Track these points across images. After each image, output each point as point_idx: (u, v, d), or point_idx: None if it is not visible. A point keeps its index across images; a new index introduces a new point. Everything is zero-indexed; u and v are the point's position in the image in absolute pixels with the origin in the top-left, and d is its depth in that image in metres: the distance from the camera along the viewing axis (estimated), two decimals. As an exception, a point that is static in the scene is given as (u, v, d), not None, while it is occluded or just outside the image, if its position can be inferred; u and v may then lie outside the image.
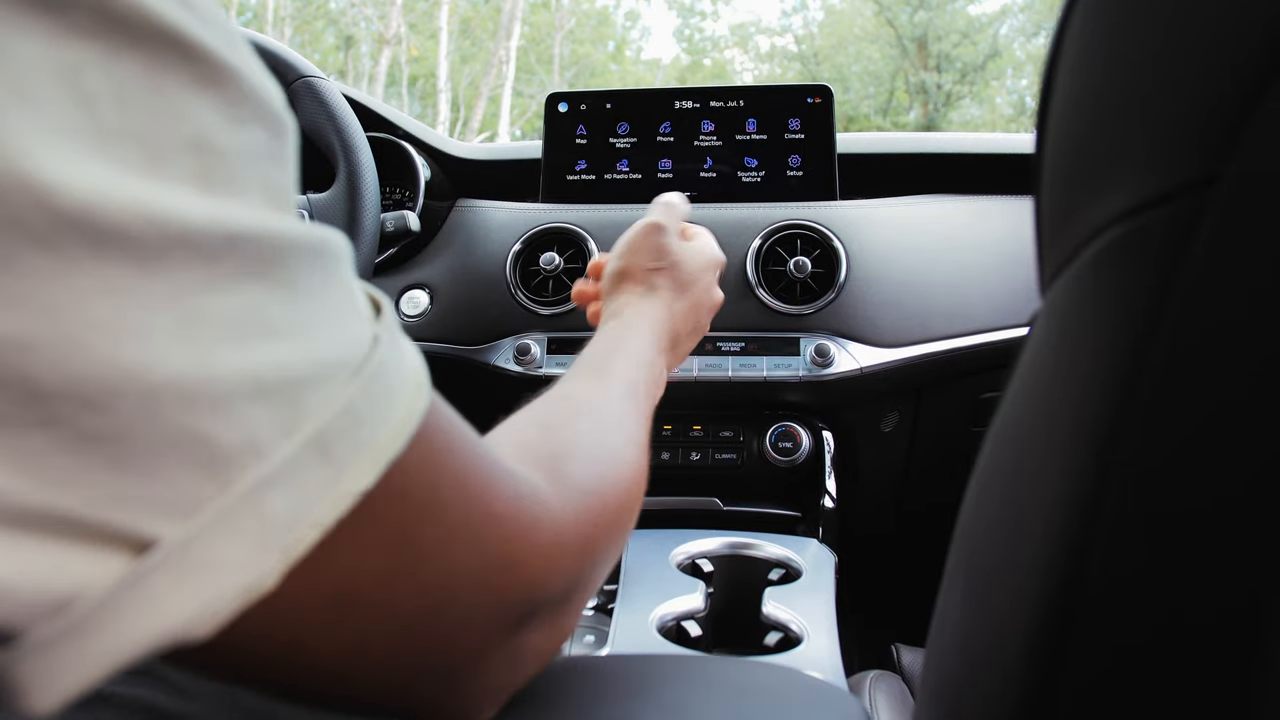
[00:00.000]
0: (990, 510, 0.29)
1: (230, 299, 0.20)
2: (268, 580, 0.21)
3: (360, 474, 0.23)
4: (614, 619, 0.72)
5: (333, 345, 0.23)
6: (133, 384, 0.19)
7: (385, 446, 0.24)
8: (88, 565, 0.19)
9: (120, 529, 0.19)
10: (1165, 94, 0.22)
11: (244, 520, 0.21)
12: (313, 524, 0.22)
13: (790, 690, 0.43)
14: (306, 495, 0.22)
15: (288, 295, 0.22)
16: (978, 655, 0.27)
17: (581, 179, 1.09)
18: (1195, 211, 0.20)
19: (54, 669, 0.20)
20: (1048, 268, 0.27)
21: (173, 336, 0.19)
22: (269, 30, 13.66)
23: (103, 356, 0.18)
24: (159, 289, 0.19)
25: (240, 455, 0.20)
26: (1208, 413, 0.20)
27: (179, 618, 0.20)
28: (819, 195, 1.03)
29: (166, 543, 0.20)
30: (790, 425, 0.98)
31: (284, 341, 0.21)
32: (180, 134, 0.20)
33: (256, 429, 0.21)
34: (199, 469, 0.20)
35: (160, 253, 0.19)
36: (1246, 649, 0.21)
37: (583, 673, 0.44)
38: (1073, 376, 0.24)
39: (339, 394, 0.23)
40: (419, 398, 0.26)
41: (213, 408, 0.20)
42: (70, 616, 0.19)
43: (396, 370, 0.25)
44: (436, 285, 1.06)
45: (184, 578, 0.20)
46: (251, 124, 0.21)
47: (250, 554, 0.21)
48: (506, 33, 15.09)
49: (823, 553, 0.84)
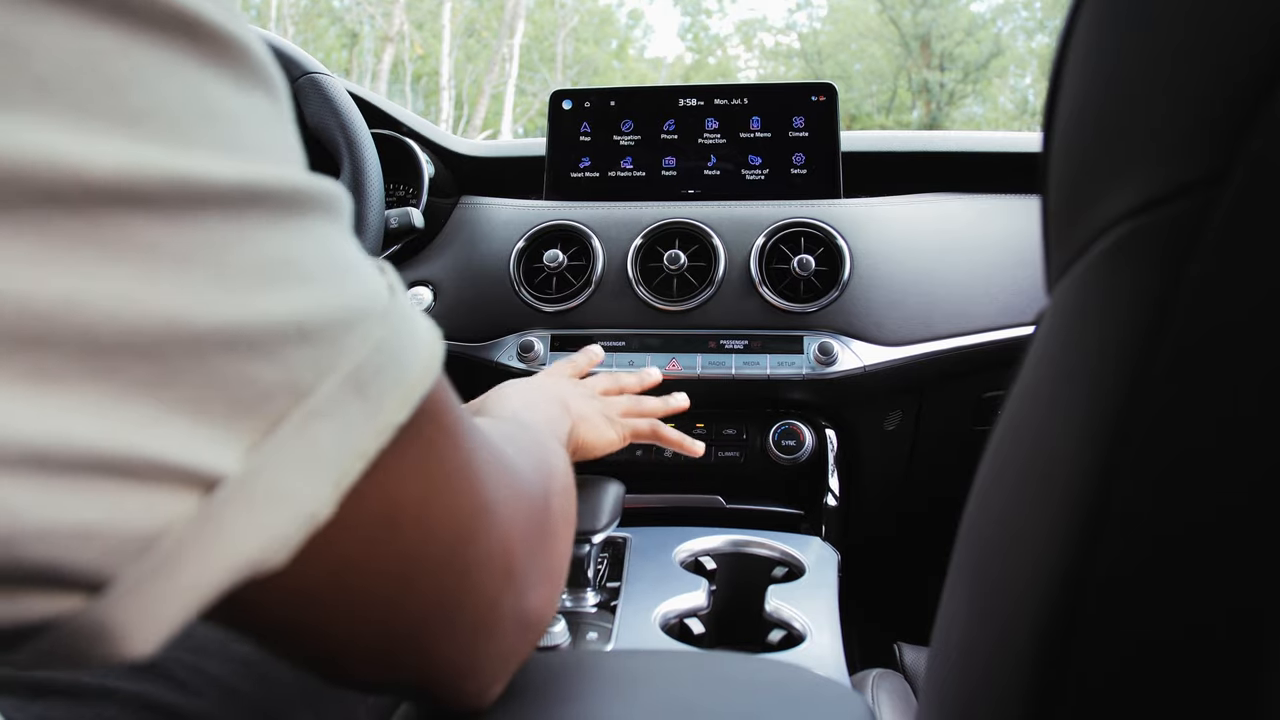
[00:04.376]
0: (995, 509, 0.29)
1: (262, 248, 0.22)
2: (325, 509, 0.23)
3: (396, 408, 0.25)
4: (617, 616, 0.72)
5: (360, 289, 0.25)
6: (179, 332, 0.20)
7: (416, 383, 0.26)
8: (165, 505, 0.20)
9: (189, 468, 0.21)
10: (1173, 91, 0.22)
11: (297, 454, 0.22)
12: (358, 455, 0.24)
13: (796, 687, 0.43)
14: (350, 429, 0.24)
15: (313, 242, 0.23)
16: (982, 655, 0.27)
17: (585, 176, 1.09)
18: (1203, 209, 0.20)
19: (147, 609, 0.21)
20: (1054, 266, 0.27)
21: (211, 286, 0.20)
22: (271, 27, 13.67)
23: (147, 308, 0.19)
24: (192, 243, 0.20)
25: (285, 393, 0.22)
26: (1217, 411, 0.20)
27: (255, 546, 0.22)
28: (823, 193, 1.03)
29: (232, 478, 0.21)
30: (793, 423, 0.98)
31: (316, 286, 0.23)
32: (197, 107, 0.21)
33: (298, 369, 0.22)
34: (249, 408, 0.21)
35: (189, 210, 0.20)
36: (1252, 651, 0.21)
37: (587, 668, 0.44)
38: (1079, 375, 0.24)
39: (370, 334, 0.24)
40: (437, 340, 0.28)
41: (256, 351, 0.21)
42: (156, 555, 0.21)
43: (415, 317, 0.27)
44: (440, 282, 1.06)
45: (253, 509, 0.22)
46: (256, 91, 0.23)
47: (307, 484, 0.23)
48: (510, 30, 15.08)
49: (825, 551, 0.84)
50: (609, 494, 0.75)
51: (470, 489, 0.30)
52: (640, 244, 1.00)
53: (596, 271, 0.99)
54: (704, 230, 0.99)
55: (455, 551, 0.29)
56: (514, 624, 0.34)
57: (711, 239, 0.98)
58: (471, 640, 0.32)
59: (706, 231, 0.99)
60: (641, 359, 0.97)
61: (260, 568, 0.23)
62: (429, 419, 0.27)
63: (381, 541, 0.27)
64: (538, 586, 0.36)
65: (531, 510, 0.36)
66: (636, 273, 0.99)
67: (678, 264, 0.98)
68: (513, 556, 0.33)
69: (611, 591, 0.76)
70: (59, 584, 0.20)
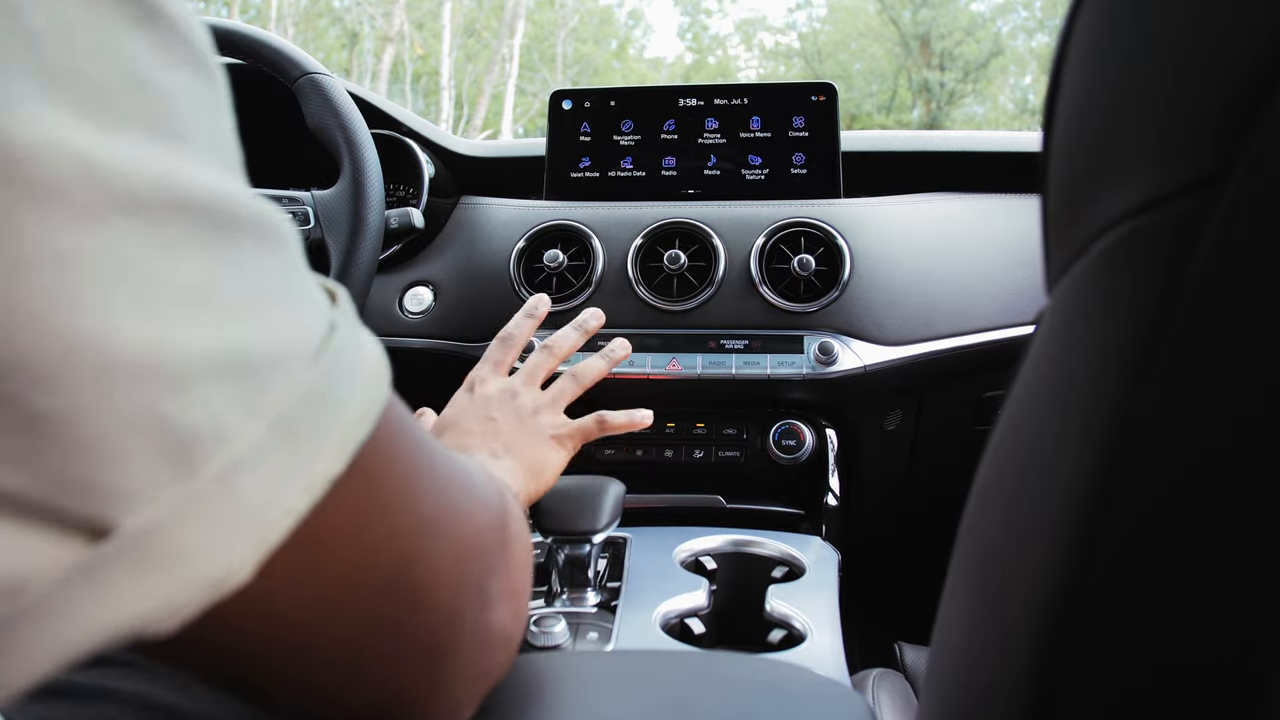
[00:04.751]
0: (995, 509, 0.29)
1: (180, 269, 0.19)
2: (240, 572, 0.21)
3: (330, 458, 0.23)
4: (617, 616, 0.72)
5: (290, 327, 0.22)
6: (84, 358, 0.18)
7: (352, 430, 0.23)
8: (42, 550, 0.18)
9: (75, 514, 0.18)
10: (1173, 91, 0.22)
11: (214, 508, 0.20)
12: (287, 511, 0.21)
13: (797, 687, 0.43)
14: (278, 481, 0.21)
15: (239, 271, 0.21)
16: (982, 654, 0.27)
17: (585, 176, 1.09)
18: (1203, 209, 0.20)
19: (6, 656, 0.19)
20: (1054, 265, 0.27)
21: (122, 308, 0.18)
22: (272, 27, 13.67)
23: (51, 328, 0.17)
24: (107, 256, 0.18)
25: (203, 438, 0.19)
26: (1217, 410, 0.20)
27: (138, 610, 0.20)
28: (823, 193, 1.03)
29: (124, 531, 0.19)
30: (794, 423, 0.98)
31: (240, 319, 0.21)
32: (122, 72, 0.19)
33: (218, 411, 0.20)
34: (158, 453, 0.19)
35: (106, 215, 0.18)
36: (1253, 650, 0.21)
37: (588, 668, 0.44)
38: (1079, 375, 0.24)
39: (300, 377, 0.22)
40: (380, 384, 0.26)
41: (170, 386, 0.19)
42: (22, 601, 0.18)
43: (357, 357, 0.25)
44: (440, 282, 1.06)
45: (143, 568, 0.19)
46: (184, 67, 0.21)
47: (219, 544, 0.20)
48: (510, 30, 15.08)
49: (826, 550, 0.84)
50: (609, 494, 0.75)
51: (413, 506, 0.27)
52: (640, 244, 1.00)
53: (597, 271, 0.99)
54: (704, 230, 0.99)
55: (399, 573, 0.27)
56: (477, 642, 0.32)
57: (711, 239, 0.98)
58: (429, 663, 0.29)
59: (706, 231, 0.99)
60: (642, 359, 0.97)
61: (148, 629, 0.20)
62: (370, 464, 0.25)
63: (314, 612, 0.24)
64: (500, 602, 0.34)
65: (490, 522, 0.34)
66: (636, 273, 0.99)
67: (678, 264, 0.98)
68: (467, 570, 0.31)
69: (612, 591, 0.76)
70: None
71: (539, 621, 0.68)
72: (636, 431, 0.70)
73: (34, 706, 0.49)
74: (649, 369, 0.96)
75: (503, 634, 0.34)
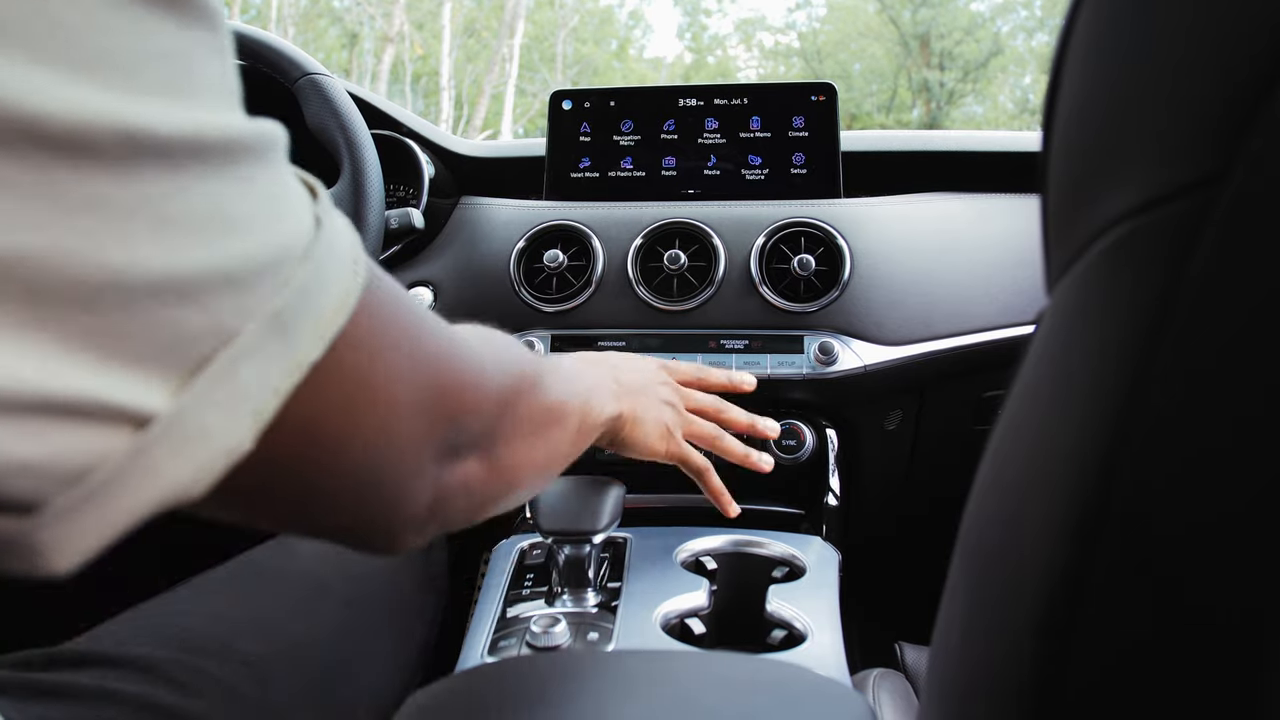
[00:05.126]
0: (995, 508, 0.29)
1: (195, 200, 0.23)
2: (245, 443, 0.25)
3: (311, 345, 0.26)
4: (618, 616, 0.72)
5: (285, 232, 0.26)
6: (115, 284, 0.21)
7: (332, 318, 0.27)
8: (100, 441, 0.22)
9: (122, 408, 0.22)
10: (1172, 91, 0.22)
11: (220, 393, 0.24)
12: (274, 392, 0.25)
13: (798, 687, 0.43)
14: (268, 367, 0.25)
15: (245, 189, 0.24)
16: (983, 654, 0.27)
17: (585, 176, 1.09)
18: (1203, 209, 0.20)
19: (73, 532, 0.22)
20: (1054, 265, 0.27)
21: (146, 239, 0.21)
22: (272, 28, 13.68)
23: (87, 262, 0.20)
24: (133, 198, 0.21)
25: (211, 338, 0.23)
26: (1217, 410, 0.20)
27: (179, 480, 0.24)
28: (823, 193, 1.03)
29: (161, 417, 0.23)
30: (794, 423, 0.98)
31: (243, 234, 0.24)
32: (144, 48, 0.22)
33: (224, 314, 0.23)
34: (178, 352, 0.23)
35: (134, 165, 0.21)
36: (1252, 650, 0.21)
37: (589, 668, 0.44)
38: (1079, 375, 0.24)
39: (292, 276, 0.25)
40: (357, 272, 0.29)
41: (185, 299, 0.22)
42: (87, 485, 0.22)
43: (337, 248, 0.28)
44: (440, 282, 1.06)
45: (179, 445, 0.23)
46: (198, 25, 0.23)
47: (229, 421, 0.24)
48: (510, 31, 15.08)
49: (826, 550, 0.84)
50: (609, 495, 0.75)
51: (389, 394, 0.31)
52: (640, 244, 1.00)
53: (597, 271, 0.99)
54: (704, 230, 0.99)
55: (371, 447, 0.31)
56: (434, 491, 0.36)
57: (711, 239, 0.98)
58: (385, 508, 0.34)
59: (706, 231, 0.99)
60: (642, 359, 0.97)
61: (183, 496, 0.24)
62: (348, 346, 0.28)
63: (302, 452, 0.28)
64: (472, 463, 0.39)
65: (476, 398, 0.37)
66: (637, 273, 0.99)
67: (678, 264, 0.98)
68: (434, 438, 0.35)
69: (612, 592, 0.76)
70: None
71: (539, 622, 0.68)
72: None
73: (33, 706, 0.49)
74: (649, 369, 0.96)
75: (464, 488, 0.38)
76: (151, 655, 0.55)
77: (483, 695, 0.47)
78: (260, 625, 0.61)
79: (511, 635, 0.70)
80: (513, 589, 0.78)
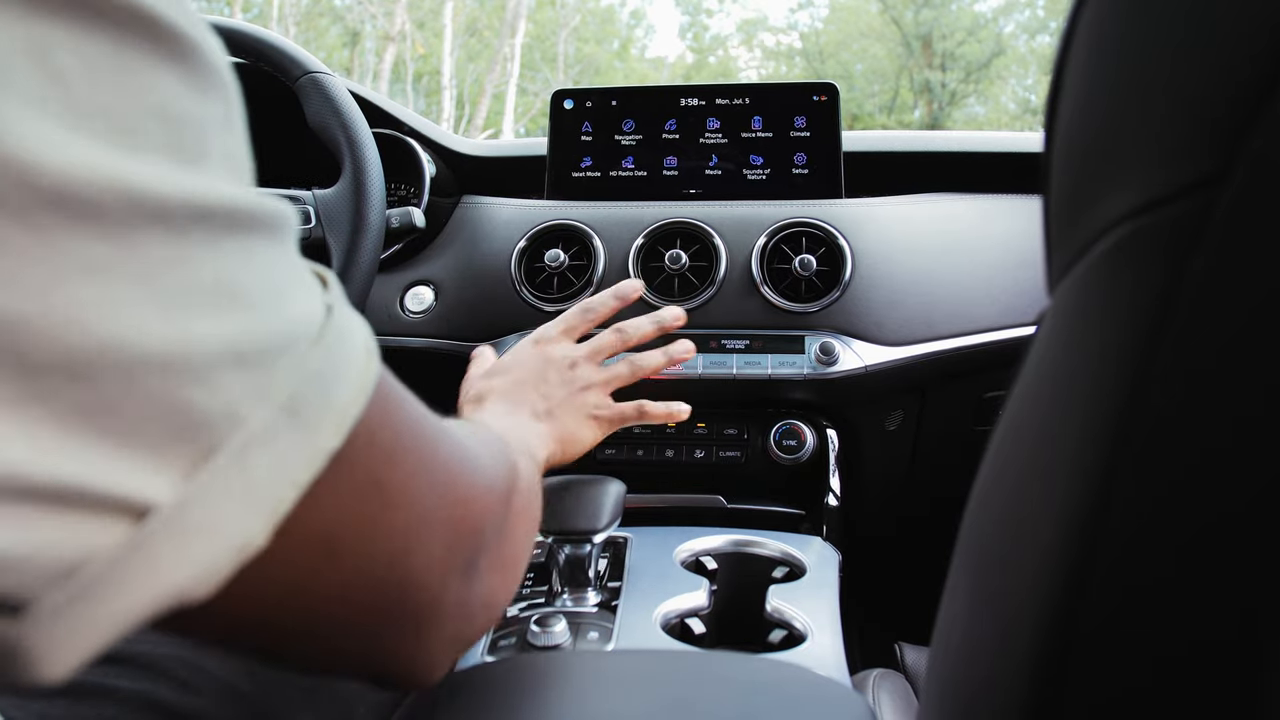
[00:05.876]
0: (996, 509, 0.29)
1: (201, 271, 0.21)
2: (258, 539, 0.23)
3: (330, 434, 0.25)
4: (618, 616, 0.72)
5: (296, 313, 0.24)
6: (115, 357, 0.19)
7: (348, 407, 0.26)
8: (92, 533, 0.20)
9: (119, 497, 0.20)
10: (1173, 92, 0.22)
11: (231, 483, 0.22)
12: (291, 483, 0.24)
13: (797, 687, 0.43)
14: (284, 457, 0.23)
15: (251, 265, 0.23)
16: (983, 654, 0.27)
17: (587, 176, 1.09)
18: (1205, 209, 0.20)
19: (64, 635, 0.21)
20: (1055, 266, 0.27)
21: (149, 310, 0.20)
22: (273, 26, 13.68)
23: (86, 332, 0.19)
24: (134, 264, 0.20)
25: (221, 421, 0.22)
26: (1218, 411, 0.20)
27: (180, 578, 0.22)
28: (824, 193, 1.03)
29: (163, 508, 0.21)
30: (794, 423, 0.98)
31: (253, 311, 0.23)
32: (148, 106, 0.20)
33: (234, 396, 0.22)
34: (184, 436, 0.21)
35: (135, 228, 0.20)
36: (1252, 650, 0.21)
37: (589, 668, 0.44)
38: (1080, 375, 0.24)
39: (306, 359, 0.24)
40: (372, 361, 0.28)
41: (192, 377, 0.21)
42: (78, 583, 0.20)
43: (351, 337, 0.27)
44: (441, 282, 1.06)
45: (182, 540, 0.21)
46: (210, 94, 0.22)
47: (240, 514, 0.22)
48: (511, 30, 15.08)
49: (826, 551, 0.84)
50: (610, 494, 0.75)
51: (411, 503, 0.29)
52: (641, 244, 1.00)
53: (598, 271, 0.99)
54: (705, 230, 0.99)
55: (395, 565, 0.29)
56: (458, 612, 0.34)
57: (713, 239, 0.98)
58: (414, 632, 0.32)
59: (708, 231, 0.99)
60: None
61: (187, 596, 0.22)
62: (365, 440, 0.27)
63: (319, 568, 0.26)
64: (488, 575, 0.37)
65: (487, 505, 0.36)
66: (638, 272, 0.99)
67: (679, 264, 0.98)
68: (458, 555, 0.33)
69: (612, 591, 0.76)
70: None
71: (539, 621, 0.68)
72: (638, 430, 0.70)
73: (34, 705, 0.49)
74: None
75: (485, 603, 0.36)
76: (152, 652, 0.55)
77: (482, 694, 0.47)
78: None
79: (511, 635, 0.70)
80: (513, 588, 0.78)
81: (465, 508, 0.33)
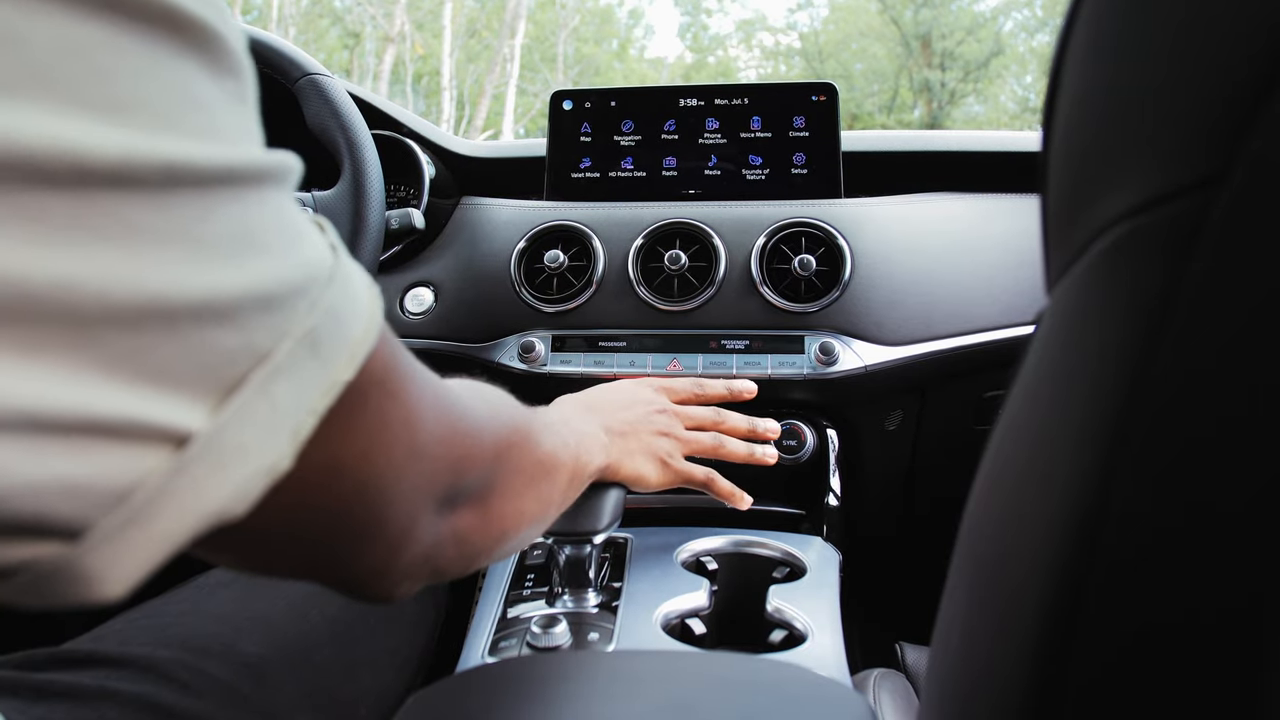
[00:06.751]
0: (995, 508, 0.29)
1: (227, 223, 0.23)
2: (284, 461, 0.26)
3: (345, 366, 0.27)
4: (618, 616, 0.72)
5: (309, 255, 0.27)
6: (156, 308, 0.22)
7: (360, 342, 0.28)
8: (140, 459, 0.22)
9: (162, 425, 0.22)
10: (1172, 92, 0.22)
11: (259, 412, 0.24)
12: (310, 411, 0.26)
13: (797, 687, 0.43)
14: (304, 387, 0.26)
15: (270, 213, 0.25)
16: (983, 654, 0.27)
17: (586, 176, 1.09)
18: (1203, 209, 0.20)
19: (120, 556, 0.23)
20: (1054, 265, 0.27)
21: (184, 263, 0.22)
22: (273, 28, 13.69)
23: (131, 288, 0.21)
24: (172, 225, 0.22)
25: (247, 357, 0.24)
26: (1216, 411, 0.20)
27: (220, 498, 0.24)
28: (823, 193, 1.03)
29: (200, 435, 0.23)
30: (794, 423, 0.98)
31: (274, 255, 0.25)
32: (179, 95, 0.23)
33: (258, 334, 0.24)
34: (216, 372, 0.23)
35: (171, 194, 0.22)
36: (1251, 649, 0.21)
37: (589, 668, 0.44)
38: (1079, 375, 0.24)
39: (321, 298, 0.26)
40: (375, 299, 0.30)
41: (221, 320, 0.23)
42: (131, 506, 0.22)
43: (355, 277, 0.29)
44: (441, 283, 1.06)
45: (219, 464, 0.24)
46: (228, 76, 0.25)
47: (268, 440, 0.25)
48: (511, 31, 15.09)
49: (827, 551, 0.84)
50: (610, 495, 0.75)
51: (406, 436, 0.32)
52: (641, 244, 1.00)
53: (597, 272, 0.99)
54: (705, 230, 0.99)
55: (385, 489, 0.32)
56: (429, 538, 0.36)
57: (712, 239, 0.98)
58: (386, 550, 0.34)
59: (707, 231, 0.99)
60: (642, 359, 0.97)
61: (225, 516, 0.25)
62: (371, 377, 0.29)
63: (325, 486, 0.29)
64: (465, 513, 0.40)
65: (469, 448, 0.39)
66: (637, 273, 0.99)
67: (678, 264, 0.98)
68: (437, 486, 0.36)
69: (613, 592, 0.76)
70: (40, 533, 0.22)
71: (540, 622, 0.68)
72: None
73: (35, 708, 0.49)
74: (650, 369, 0.96)
75: (455, 539, 0.39)
76: (153, 655, 0.55)
77: (483, 695, 0.47)
78: (261, 625, 0.61)
79: (512, 635, 0.70)
80: (513, 589, 0.78)
81: (451, 445, 0.36)
